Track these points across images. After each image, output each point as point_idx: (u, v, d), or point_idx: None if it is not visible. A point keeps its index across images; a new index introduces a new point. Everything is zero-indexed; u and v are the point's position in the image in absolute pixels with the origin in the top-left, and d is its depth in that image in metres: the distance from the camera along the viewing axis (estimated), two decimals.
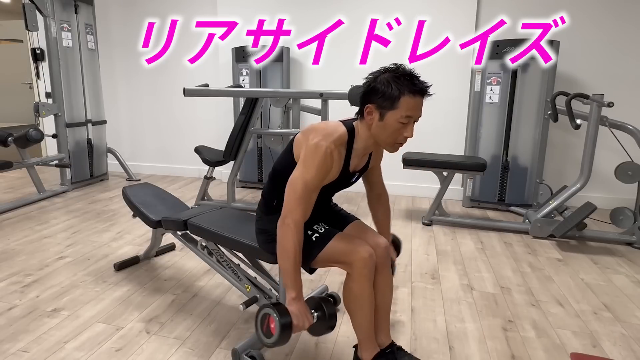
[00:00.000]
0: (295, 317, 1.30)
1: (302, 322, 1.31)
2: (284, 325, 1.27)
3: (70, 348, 1.69)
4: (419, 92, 1.30)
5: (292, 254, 1.32)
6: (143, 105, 4.79)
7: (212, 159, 3.38)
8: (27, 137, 3.52)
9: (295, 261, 1.32)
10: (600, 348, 1.75)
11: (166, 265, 2.47)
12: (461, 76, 3.82)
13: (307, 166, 1.33)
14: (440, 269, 2.49)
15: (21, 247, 2.69)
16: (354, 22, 3.95)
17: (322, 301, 1.42)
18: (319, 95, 2.98)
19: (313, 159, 1.32)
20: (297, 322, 1.30)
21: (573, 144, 3.76)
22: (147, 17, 4.53)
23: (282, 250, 1.34)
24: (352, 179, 1.52)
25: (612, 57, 3.54)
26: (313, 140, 1.34)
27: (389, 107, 1.31)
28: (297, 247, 1.32)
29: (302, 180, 1.33)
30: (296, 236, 1.32)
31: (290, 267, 1.32)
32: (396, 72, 1.32)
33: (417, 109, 1.32)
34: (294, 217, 1.32)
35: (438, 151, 3.99)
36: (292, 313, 1.30)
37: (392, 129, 1.33)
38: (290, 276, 1.33)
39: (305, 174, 1.33)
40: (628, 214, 2.87)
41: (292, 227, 1.32)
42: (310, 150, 1.34)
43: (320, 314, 1.41)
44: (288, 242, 1.32)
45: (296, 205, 1.33)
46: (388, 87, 1.30)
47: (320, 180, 1.35)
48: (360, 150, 1.44)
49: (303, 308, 1.34)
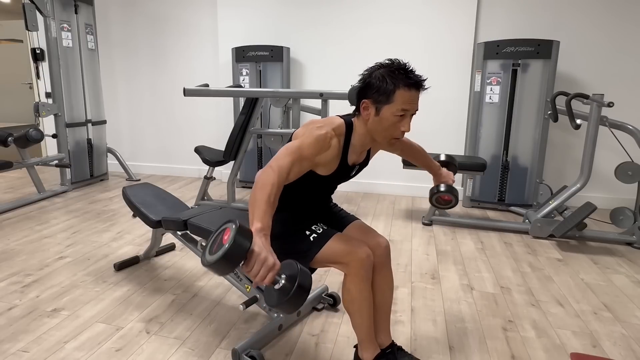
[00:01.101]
0: (257, 246, 1.04)
1: (264, 254, 1.03)
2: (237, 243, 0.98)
3: (70, 348, 1.69)
4: (414, 85, 1.30)
5: (268, 187, 1.16)
6: (143, 105, 4.79)
7: (212, 159, 3.38)
8: (27, 137, 3.52)
9: (269, 195, 1.15)
10: (600, 348, 1.75)
11: (166, 265, 2.47)
12: (461, 76, 3.82)
13: (306, 137, 1.32)
14: (440, 269, 2.49)
15: (21, 247, 2.69)
16: (353, 22, 3.95)
17: (300, 269, 1.08)
18: (319, 95, 2.98)
19: (311, 133, 1.32)
20: (258, 250, 1.03)
21: (573, 144, 3.76)
22: (147, 17, 4.53)
23: (259, 184, 1.17)
24: (352, 172, 1.52)
25: (612, 57, 3.54)
26: (313, 126, 1.35)
27: (384, 102, 1.31)
28: (277, 185, 1.18)
29: (298, 143, 1.31)
30: (277, 178, 1.18)
31: (264, 198, 1.14)
32: (391, 66, 1.33)
33: (412, 102, 1.31)
34: (279, 163, 1.23)
35: (438, 151, 3.98)
36: (255, 243, 1.04)
37: (389, 123, 1.33)
38: (260, 207, 1.12)
39: (302, 141, 1.31)
40: (628, 214, 2.87)
41: (276, 170, 1.20)
42: (309, 130, 1.34)
43: (287, 283, 1.05)
44: (267, 178, 1.18)
45: (286, 156, 1.25)
46: (383, 82, 1.30)
47: (315, 152, 1.32)
48: (357, 146, 1.44)
49: (268, 245, 1.07)
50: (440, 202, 1.81)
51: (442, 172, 1.82)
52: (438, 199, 1.80)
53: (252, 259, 1.02)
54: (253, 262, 1.02)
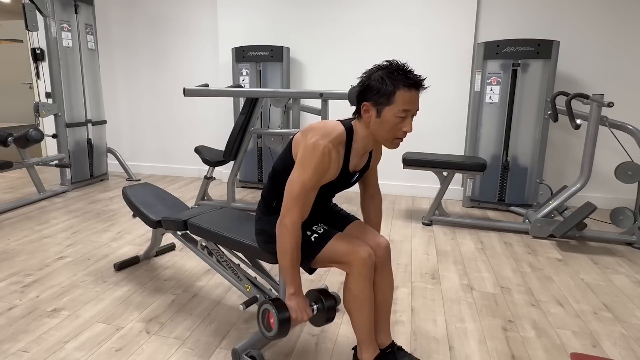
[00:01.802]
0: (293, 311, 1.38)
1: (301, 316, 1.39)
2: (282, 321, 1.36)
3: (70, 348, 1.69)
4: (414, 85, 1.31)
5: (289, 253, 1.36)
6: (143, 105, 4.79)
7: (212, 159, 3.38)
8: (27, 137, 3.52)
9: (292, 259, 1.37)
10: (600, 348, 1.75)
11: (166, 265, 2.47)
12: (461, 76, 3.82)
13: (305, 166, 1.33)
14: (440, 269, 2.49)
15: (21, 247, 2.69)
16: (353, 22, 3.95)
17: (321, 294, 1.52)
18: (319, 95, 2.98)
19: (310, 159, 1.33)
20: (295, 316, 1.38)
21: (573, 144, 3.76)
22: (147, 17, 4.53)
23: (281, 250, 1.38)
24: (353, 179, 1.52)
25: (612, 57, 3.54)
26: (311, 140, 1.34)
27: (385, 103, 1.31)
28: (295, 246, 1.36)
29: (299, 181, 1.34)
30: (293, 236, 1.35)
31: (288, 264, 1.37)
32: (389, 68, 1.33)
33: (413, 102, 1.32)
34: (291, 217, 1.35)
35: (438, 151, 3.99)
36: (291, 308, 1.38)
37: (391, 125, 1.33)
38: (289, 273, 1.39)
39: (303, 175, 1.34)
40: (628, 214, 2.87)
41: (290, 228, 1.35)
42: (308, 149, 1.34)
43: (320, 307, 1.51)
44: (285, 242, 1.36)
45: (293, 205, 1.35)
46: (383, 84, 1.31)
47: (318, 180, 1.36)
48: (359, 149, 1.44)
49: (302, 303, 1.40)
50: None
51: None
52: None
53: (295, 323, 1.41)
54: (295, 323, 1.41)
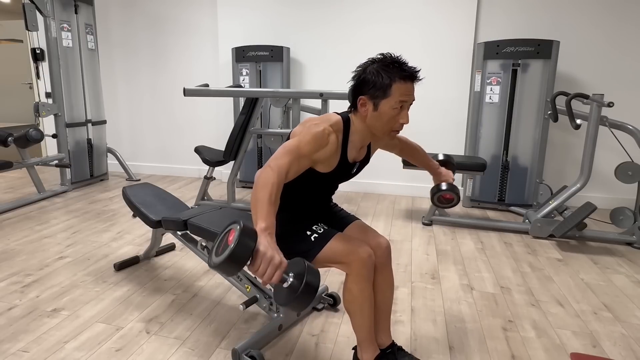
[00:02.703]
0: (262, 245, 1.04)
1: (271, 253, 1.03)
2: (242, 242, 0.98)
3: (70, 348, 1.69)
4: (409, 76, 1.31)
5: (269, 187, 1.15)
6: (143, 105, 4.79)
7: (212, 159, 3.38)
8: (27, 137, 3.52)
9: (271, 194, 1.15)
10: (600, 348, 1.75)
11: (166, 265, 2.47)
12: (461, 76, 3.82)
13: (303, 134, 1.32)
14: (440, 269, 2.49)
15: (21, 247, 2.69)
16: (354, 22, 3.95)
17: (307, 267, 1.08)
18: (319, 95, 2.98)
19: (309, 131, 1.32)
20: (264, 249, 1.03)
21: (573, 144, 3.76)
22: (147, 17, 4.53)
23: (260, 184, 1.17)
24: (353, 170, 1.52)
25: (612, 57, 3.54)
26: (311, 123, 1.36)
27: (381, 96, 1.32)
28: (277, 184, 1.17)
29: (295, 141, 1.30)
30: (276, 177, 1.18)
31: (265, 197, 1.14)
32: (384, 61, 1.33)
33: (409, 94, 1.33)
34: (277, 162, 1.22)
35: (438, 151, 3.99)
36: (260, 242, 1.05)
37: (388, 117, 1.34)
38: (264, 206, 1.12)
39: (300, 139, 1.30)
40: (628, 214, 2.87)
41: (275, 169, 1.20)
42: (307, 127, 1.35)
43: (295, 281, 1.06)
44: (267, 178, 1.18)
45: (284, 155, 1.25)
46: (378, 77, 1.31)
47: (313, 149, 1.31)
48: (356, 142, 1.44)
49: (274, 244, 1.07)
50: (442, 201, 1.80)
51: (441, 170, 1.82)
52: (440, 197, 1.79)
53: (258, 259, 1.02)
54: (259, 261, 1.02)
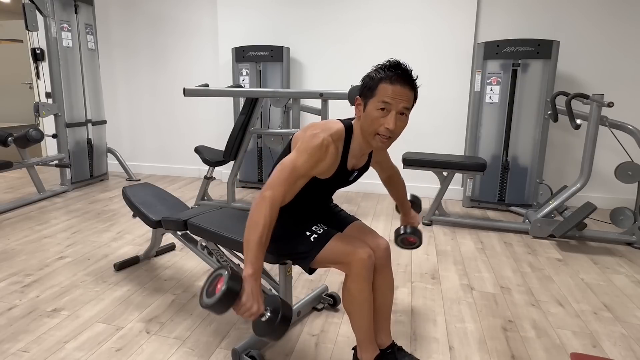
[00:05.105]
0: (245, 294, 1.17)
1: (250, 304, 1.17)
2: (229, 290, 1.14)
3: (70, 348, 1.69)
4: (397, 79, 1.28)
5: (260, 228, 1.22)
6: (143, 105, 4.79)
7: (212, 159, 3.38)
8: (27, 137, 3.52)
9: (261, 237, 1.22)
10: (600, 348, 1.75)
11: (166, 265, 2.47)
12: (461, 76, 3.82)
13: (300, 151, 1.32)
14: (440, 269, 2.49)
15: (21, 247, 2.69)
16: (354, 22, 3.95)
17: (282, 302, 1.22)
18: (319, 95, 2.98)
19: (307, 145, 1.32)
20: (245, 300, 1.17)
21: (573, 144, 3.76)
22: (147, 17, 4.53)
23: (252, 223, 1.24)
24: (351, 177, 1.52)
25: (612, 57, 3.54)
26: (311, 132, 1.35)
27: (369, 96, 1.32)
28: (269, 223, 1.24)
29: (291, 163, 1.31)
30: (269, 212, 1.24)
31: (255, 240, 1.21)
32: (384, 64, 1.34)
33: (394, 97, 1.27)
34: (273, 193, 1.26)
35: (438, 151, 3.99)
36: (244, 290, 1.18)
37: (372, 118, 1.31)
38: (253, 250, 1.21)
39: (297, 158, 1.31)
40: (628, 214, 2.87)
41: (269, 203, 1.24)
42: (306, 138, 1.34)
43: (271, 317, 1.19)
44: (259, 216, 1.23)
45: (279, 184, 1.28)
46: (369, 77, 1.33)
47: (310, 167, 1.32)
48: (356, 149, 1.43)
49: (257, 290, 1.20)
50: (405, 243, 1.85)
51: (411, 213, 1.87)
52: (404, 239, 1.84)
53: (239, 306, 1.18)
54: (239, 308, 1.18)
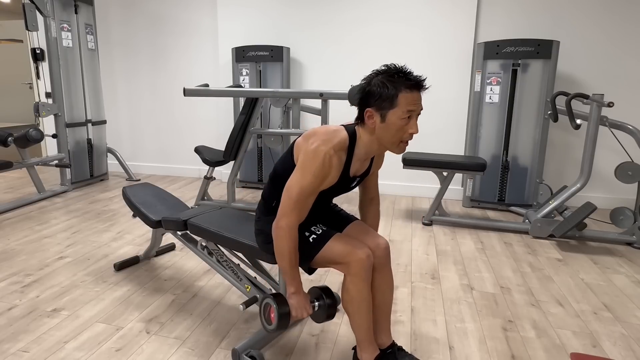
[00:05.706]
0: (294, 309, 1.44)
1: (301, 313, 1.45)
2: (282, 315, 1.43)
3: (70, 348, 1.69)
4: (415, 86, 1.31)
5: (287, 256, 1.39)
6: (143, 105, 4.79)
7: (212, 159, 3.38)
8: (27, 137, 3.52)
9: (291, 261, 1.40)
10: (600, 348, 1.75)
11: (166, 265, 2.47)
12: (461, 76, 3.82)
13: (305, 172, 1.34)
14: (440, 269, 2.49)
15: (21, 247, 2.69)
16: (353, 22, 3.95)
17: (322, 292, 1.55)
18: (319, 95, 2.98)
19: (311, 164, 1.33)
20: (295, 313, 1.44)
21: (573, 144, 3.76)
22: (147, 17, 4.53)
23: (278, 252, 1.41)
24: (352, 183, 1.52)
25: (612, 57, 3.54)
26: (312, 145, 1.34)
27: (388, 107, 1.31)
28: (292, 248, 1.39)
29: (298, 185, 1.34)
30: (290, 238, 1.38)
31: (287, 266, 1.41)
32: (389, 71, 1.33)
33: (416, 103, 1.32)
34: (288, 220, 1.36)
35: (438, 151, 3.99)
36: (291, 305, 1.44)
37: (396, 128, 1.32)
38: (288, 274, 1.42)
39: (302, 180, 1.34)
40: (628, 214, 2.87)
41: (286, 230, 1.36)
42: (309, 154, 1.34)
43: (321, 304, 1.54)
44: (283, 245, 1.38)
45: (291, 209, 1.36)
46: (384, 88, 1.30)
47: (317, 186, 1.36)
48: (361, 155, 1.43)
49: (302, 301, 1.45)
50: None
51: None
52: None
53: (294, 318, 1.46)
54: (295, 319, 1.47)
